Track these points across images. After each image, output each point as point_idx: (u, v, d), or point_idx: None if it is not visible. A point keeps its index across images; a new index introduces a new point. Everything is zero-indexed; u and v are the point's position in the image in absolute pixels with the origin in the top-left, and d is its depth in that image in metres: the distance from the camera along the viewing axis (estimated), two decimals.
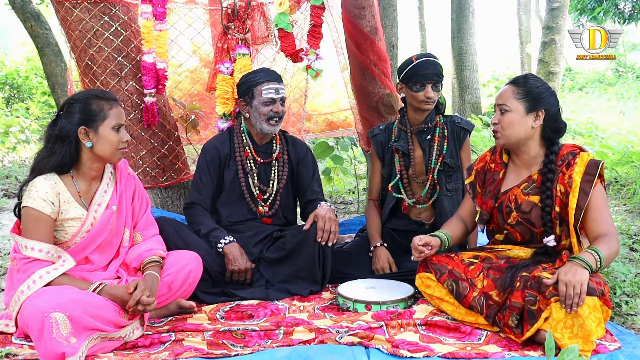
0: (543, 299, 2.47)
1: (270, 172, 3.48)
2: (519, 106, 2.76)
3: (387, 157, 3.56)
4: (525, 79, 2.82)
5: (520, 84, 2.79)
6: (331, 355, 2.38)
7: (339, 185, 6.77)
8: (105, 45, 3.73)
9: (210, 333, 2.65)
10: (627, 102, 14.42)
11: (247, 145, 3.47)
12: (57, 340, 2.27)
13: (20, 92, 12.04)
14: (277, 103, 3.34)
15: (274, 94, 3.33)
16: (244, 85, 3.41)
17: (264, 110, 3.32)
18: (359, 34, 4.05)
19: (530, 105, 2.75)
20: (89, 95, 2.70)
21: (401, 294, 3.02)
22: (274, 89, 3.33)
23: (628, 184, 5.97)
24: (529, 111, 2.76)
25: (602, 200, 2.67)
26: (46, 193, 2.59)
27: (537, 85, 2.78)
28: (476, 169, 3.03)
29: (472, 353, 2.40)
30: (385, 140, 3.56)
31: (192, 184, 3.49)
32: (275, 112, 3.33)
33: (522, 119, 2.76)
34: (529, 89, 2.76)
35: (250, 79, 3.39)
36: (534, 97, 2.75)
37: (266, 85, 3.33)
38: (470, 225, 3.07)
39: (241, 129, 3.50)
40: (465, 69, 10.50)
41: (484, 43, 15.79)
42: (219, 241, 3.21)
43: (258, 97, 3.34)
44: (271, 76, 3.39)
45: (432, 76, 3.29)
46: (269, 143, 3.51)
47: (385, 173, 3.57)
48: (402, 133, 3.50)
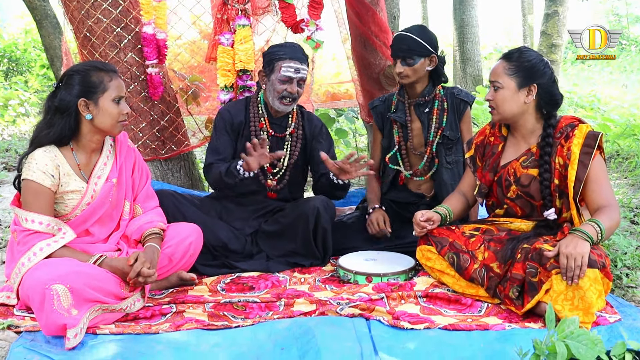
0: (544, 271, 2.47)
1: (283, 146, 3.41)
2: (511, 82, 2.74)
3: (386, 128, 3.54)
4: (518, 52, 2.78)
5: (513, 59, 2.76)
6: (332, 326, 2.39)
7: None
8: (104, 16, 3.69)
9: (211, 305, 2.65)
10: (629, 75, 14.33)
11: (262, 117, 3.41)
12: (58, 312, 2.28)
13: (18, 65, 11.95)
14: (294, 83, 3.25)
15: (292, 73, 3.23)
16: (267, 57, 3.33)
17: (279, 87, 3.25)
18: (360, 5, 4.01)
19: (522, 81, 2.73)
20: (89, 67, 2.66)
21: (402, 266, 3.02)
22: (294, 68, 3.24)
23: (630, 157, 5.94)
24: (520, 87, 2.73)
25: (601, 172, 2.65)
26: (46, 165, 2.57)
27: (530, 59, 2.74)
28: (476, 142, 3.01)
29: (472, 325, 2.41)
30: (385, 112, 3.54)
31: (207, 149, 3.42)
32: (289, 92, 3.25)
33: (514, 95, 2.74)
34: (521, 63, 2.73)
35: (275, 51, 3.30)
36: (526, 72, 2.73)
37: (287, 63, 3.23)
38: (471, 199, 3.06)
39: (258, 99, 3.44)
40: (467, 41, 10.40)
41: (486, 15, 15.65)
42: (237, 166, 3.11)
43: (277, 72, 3.25)
44: (296, 54, 3.27)
45: (397, 52, 3.31)
46: (285, 117, 3.44)
47: (385, 144, 3.56)
48: (401, 104, 3.48)
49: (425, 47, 3.29)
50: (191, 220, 3.09)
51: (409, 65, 3.30)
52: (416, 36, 3.29)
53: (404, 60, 3.30)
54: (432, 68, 3.35)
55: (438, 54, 3.36)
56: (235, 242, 3.25)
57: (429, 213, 2.90)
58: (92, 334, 2.38)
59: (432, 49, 3.32)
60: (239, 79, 3.82)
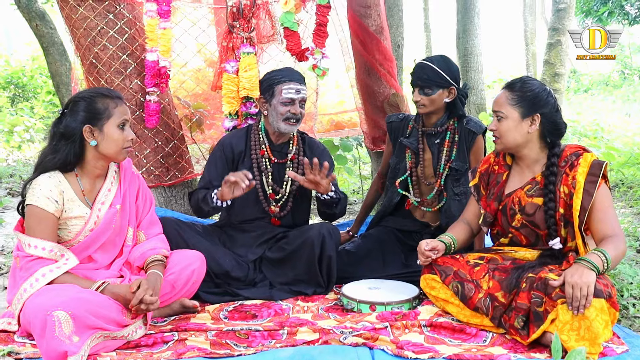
0: (549, 300, 2.44)
1: (285, 173, 3.42)
2: (514, 112, 2.74)
3: (397, 147, 3.55)
4: (521, 82, 2.78)
5: (515, 89, 2.76)
6: (335, 355, 2.37)
7: (344, 186, 6.74)
8: (110, 43, 3.72)
9: (214, 333, 2.63)
10: (632, 104, 14.35)
11: (263, 144, 3.42)
12: (59, 338, 2.26)
13: (25, 92, 12.05)
14: (296, 104, 3.28)
15: (293, 94, 3.27)
16: (265, 82, 3.36)
17: (282, 110, 3.27)
18: (364, 33, 4.04)
19: (525, 111, 2.73)
20: (94, 94, 2.68)
21: (406, 294, 3.00)
22: (295, 89, 3.27)
23: (634, 186, 5.93)
24: (524, 116, 2.73)
25: (607, 201, 2.64)
26: (50, 191, 2.57)
27: (533, 88, 2.74)
28: (480, 171, 3.01)
29: (477, 355, 2.38)
30: (399, 131, 3.55)
31: (201, 176, 3.45)
32: (293, 113, 3.27)
33: (517, 125, 2.74)
34: (524, 93, 2.73)
35: (273, 76, 3.33)
36: (529, 102, 2.73)
37: (287, 85, 3.27)
38: (475, 228, 3.04)
39: (259, 127, 3.46)
40: (471, 69, 10.45)
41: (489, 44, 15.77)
42: (212, 194, 3.17)
43: (278, 96, 3.28)
44: (294, 76, 3.32)
45: (417, 80, 3.32)
46: (286, 143, 3.44)
47: (392, 162, 3.56)
48: (415, 131, 3.48)
49: (445, 78, 3.28)
50: (194, 247, 3.08)
51: (427, 95, 3.30)
52: (436, 66, 3.28)
53: (422, 90, 3.31)
54: (450, 100, 3.34)
55: (459, 87, 3.35)
56: (238, 269, 3.23)
57: (434, 242, 2.89)
58: None
59: (452, 81, 3.31)
60: (243, 106, 3.84)
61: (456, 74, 3.35)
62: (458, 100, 3.36)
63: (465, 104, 3.41)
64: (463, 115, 3.40)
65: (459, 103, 3.37)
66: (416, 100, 3.34)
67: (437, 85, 3.29)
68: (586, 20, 13.14)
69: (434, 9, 17.06)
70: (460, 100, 3.37)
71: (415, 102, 3.35)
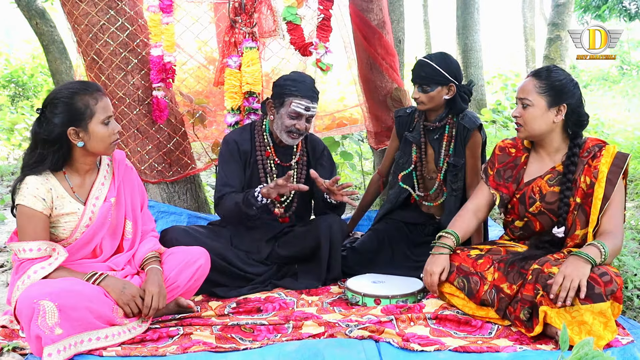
0: (547, 297, 2.43)
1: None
2: (541, 101, 2.71)
3: (403, 141, 3.55)
4: (548, 71, 2.75)
5: (543, 77, 2.73)
6: (341, 348, 2.36)
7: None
8: (111, 39, 3.71)
9: (219, 327, 2.63)
10: (632, 99, 14.34)
11: (268, 145, 3.40)
12: (39, 327, 2.24)
13: (25, 90, 12.04)
14: (303, 120, 3.23)
15: (302, 110, 3.20)
16: (278, 89, 3.28)
17: (288, 122, 3.22)
18: (366, 28, 4.04)
19: (553, 100, 2.70)
20: (72, 91, 2.54)
21: (410, 288, 3.00)
22: (305, 106, 3.20)
23: (636, 180, 5.93)
24: (550, 106, 2.71)
25: (619, 197, 2.64)
26: (37, 189, 2.51)
27: (560, 78, 2.72)
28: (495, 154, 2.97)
29: (483, 347, 2.38)
30: (406, 125, 3.56)
31: (216, 181, 3.38)
32: (297, 128, 3.23)
33: (544, 114, 2.72)
34: (552, 82, 2.71)
35: (287, 85, 3.24)
36: (557, 92, 2.70)
37: (298, 100, 3.20)
38: (482, 215, 2.99)
39: (263, 127, 3.43)
40: (471, 65, 10.45)
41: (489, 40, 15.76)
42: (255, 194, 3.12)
43: (287, 107, 3.22)
44: (307, 92, 3.22)
45: (416, 77, 3.33)
46: (291, 146, 3.42)
47: (397, 156, 3.56)
48: (419, 125, 3.48)
49: (444, 75, 3.28)
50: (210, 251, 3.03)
51: (425, 92, 3.30)
52: (436, 64, 3.28)
53: (420, 87, 3.31)
54: (450, 97, 3.33)
55: (459, 84, 3.34)
56: (250, 267, 3.26)
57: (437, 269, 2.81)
58: (98, 356, 2.36)
59: (452, 78, 3.30)
60: (246, 100, 3.83)
61: (456, 71, 3.34)
62: (458, 97, 3.35)
63: (469, 100, 3.40)
64: (462, 112, 3.40)
65: (459, 100, 3.35)
66: (415, 97, 3.35)
67: (436, 83, 3.29)
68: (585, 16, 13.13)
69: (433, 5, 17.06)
70: (462, 97, 3.36)
71: (415, 99, 3.36)
